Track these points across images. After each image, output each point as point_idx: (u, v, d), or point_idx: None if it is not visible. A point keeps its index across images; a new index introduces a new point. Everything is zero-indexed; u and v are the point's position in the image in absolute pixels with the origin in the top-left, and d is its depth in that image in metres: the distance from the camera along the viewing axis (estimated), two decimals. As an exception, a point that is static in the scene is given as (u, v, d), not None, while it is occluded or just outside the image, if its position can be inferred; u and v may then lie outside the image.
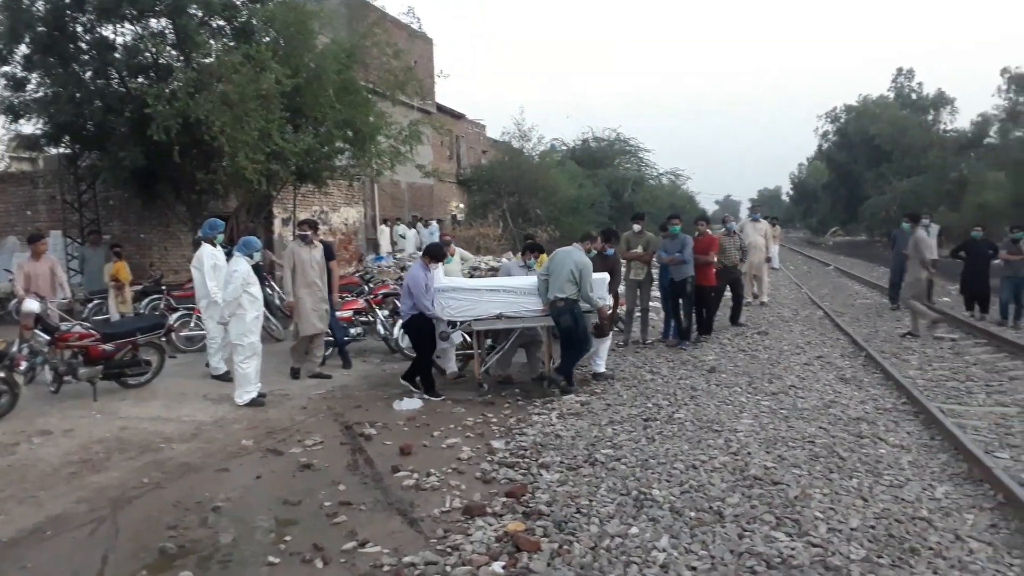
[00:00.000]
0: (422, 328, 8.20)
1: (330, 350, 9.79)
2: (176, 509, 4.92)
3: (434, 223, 24.40)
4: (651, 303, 11.70)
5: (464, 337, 9.17)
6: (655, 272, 11.13)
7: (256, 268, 8.54)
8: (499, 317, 8.27)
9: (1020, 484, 4.85)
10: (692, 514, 4.39)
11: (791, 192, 78.49)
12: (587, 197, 34.21)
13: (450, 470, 5.59)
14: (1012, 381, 8.29)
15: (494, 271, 19.36)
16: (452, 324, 8.43)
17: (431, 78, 26.03)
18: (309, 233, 9.13)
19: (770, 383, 8.09)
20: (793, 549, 3.88)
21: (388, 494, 5.13)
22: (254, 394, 7.81)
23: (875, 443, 5.90)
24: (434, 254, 8.44)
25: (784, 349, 10.18)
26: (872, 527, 4.20)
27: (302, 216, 15.98)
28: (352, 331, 10.44)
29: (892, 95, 46.97)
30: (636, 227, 11.06)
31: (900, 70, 48.41)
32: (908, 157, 38.69)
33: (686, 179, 49.40)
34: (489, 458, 5.85)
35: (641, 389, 8.05)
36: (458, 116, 34.79)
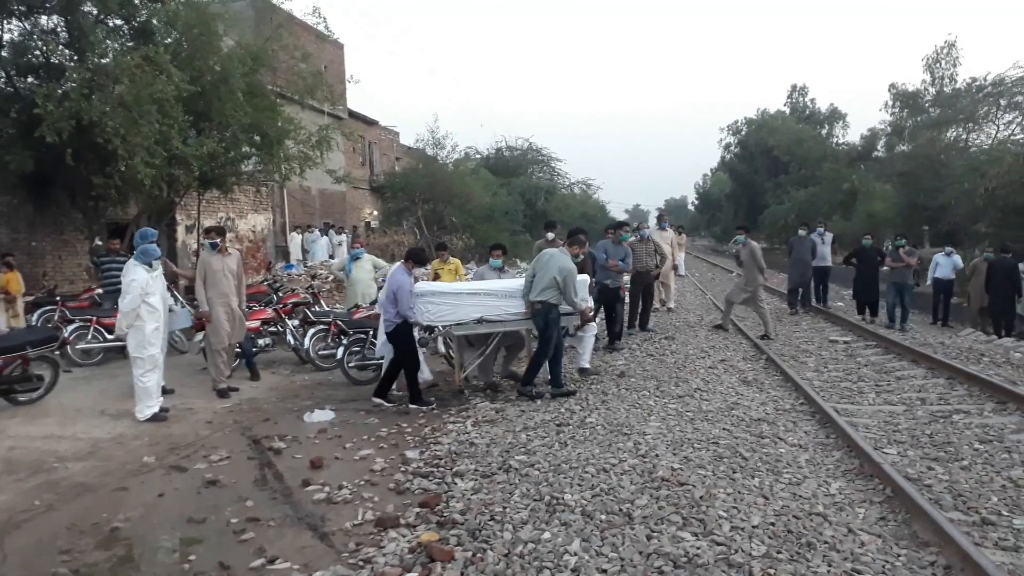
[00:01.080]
0: (407, 336, 7.95)
1: (237, 362, 9.50)
2: (70, 532, 4.67)
3: (315, 231, 23.73)
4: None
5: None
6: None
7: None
8: (480, 321, 8.14)
9: (906, 478, 5.18)
10: (603, 517, 4.48)
11: (696, 201, 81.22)
12: (501, 205, 34.45)
13: (363, 482, 5.52)
14: (899, 381, 8.84)
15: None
16: (429, 329, 8.27)
17: (342, 83, 25.74)
18: (218, 240, 8.73)
19: (676, 386, 8.33)
20: (698, 548, 4.01)
21: (298, 509, 5.03)
22: (156, 408, 7.49)
23: (775, 443, 6.16)
24: (417, 258, 8.27)
25: (690, 353, 10.51)
26: (772, 524, 4.38)
27: (207, 223, 15.48)
28: (260, 342, 10.17)
29: (788, 110, 49.52)
30: (549, 235, 11.22)
31: (795, 86, 51.24)
32: (804, 168, 40.83)
33: (597, 188, 50.74)
34: (403, 468, 5.81)
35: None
36: (371, 122, 34.47)
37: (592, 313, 9.19)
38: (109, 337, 10.13)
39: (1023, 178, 17.50)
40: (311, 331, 10.10)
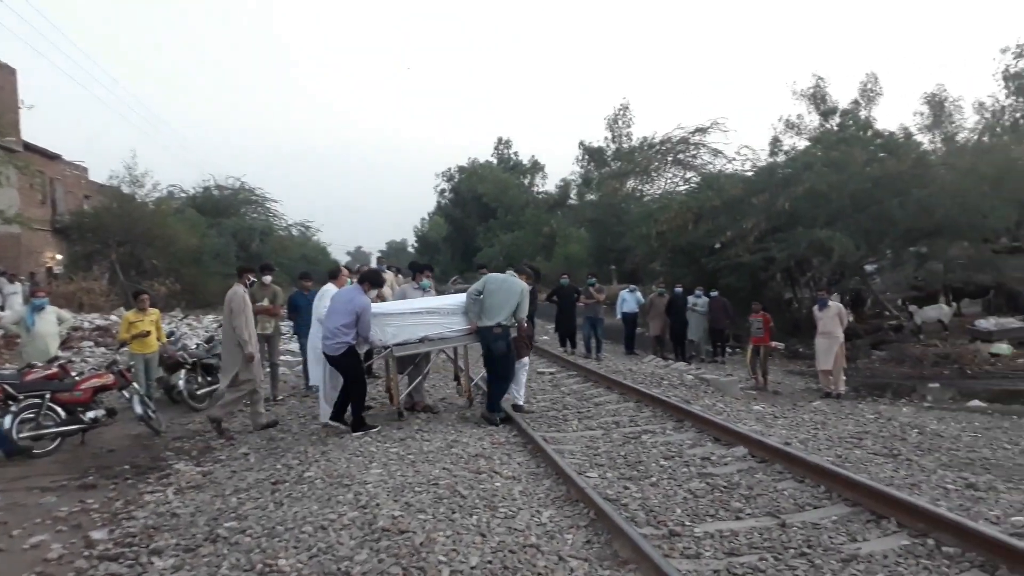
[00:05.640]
0: (357, 359, 8.04)
1: None
2: None
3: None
4: (281, 357, 11.36)
5: None
6: (283, 325, 10.86)
7: None
8: (423, 340, 8.03)
9: (606, 499, 5.60)
10: (320, 580, 4.27)
11: (416, 244, 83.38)
12: (211, 247, 32.36)
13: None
14: (597, 407, 9.67)
15: (100, 330, 17.15)
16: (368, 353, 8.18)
17: (15, 112, 22.74)
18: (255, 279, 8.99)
19: (399, 429, 8.26)
20: (419, 598, 3.98)
21: (-58, 623, 4.14)
22: None
23: (491, 477, 6.32)
24: (373, 280, 8.28)
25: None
26: (489, 562, 4.46)
27: None
28: None
29: (495, 160, 53.43)
30: (266, 278, 10.68)
31: (501, 139, 55.64)
32: (510, 214, 44.08)
33: (317, 230, 49.81)
34: (87, 553, 5.06)
35: (270, 449, 7.70)
36: (53, 156, 30.56)
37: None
38: None
39: (686, 223, 20.42)
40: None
